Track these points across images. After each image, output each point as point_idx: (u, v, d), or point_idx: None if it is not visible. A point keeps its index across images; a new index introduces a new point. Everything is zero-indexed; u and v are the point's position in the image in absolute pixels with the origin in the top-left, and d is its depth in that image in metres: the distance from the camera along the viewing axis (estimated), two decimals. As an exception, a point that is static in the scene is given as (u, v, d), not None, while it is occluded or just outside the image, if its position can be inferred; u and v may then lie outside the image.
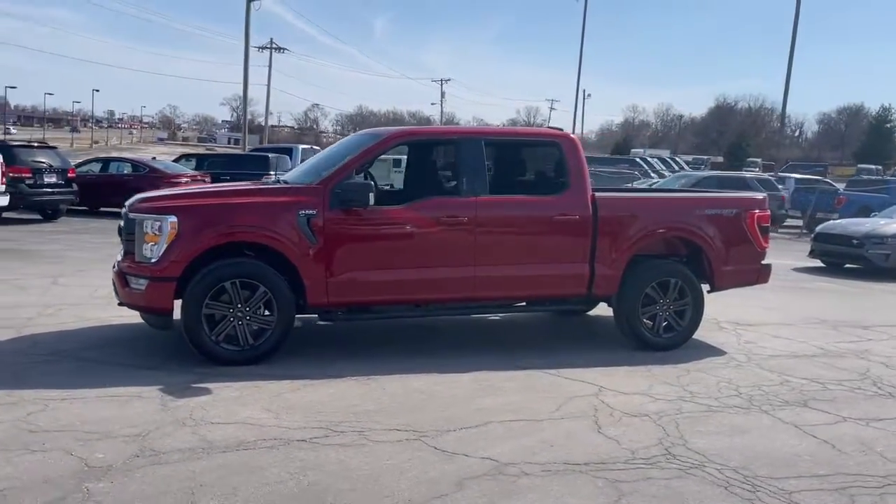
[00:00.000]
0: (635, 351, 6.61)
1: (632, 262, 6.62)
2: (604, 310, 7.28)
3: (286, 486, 3.67)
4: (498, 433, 4.51)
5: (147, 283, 5.55)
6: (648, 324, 6.67)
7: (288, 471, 3.84)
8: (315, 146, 29.09)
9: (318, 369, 5.67)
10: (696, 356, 6.56)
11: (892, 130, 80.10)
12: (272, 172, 18.26)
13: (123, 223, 5.87)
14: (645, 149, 76.26)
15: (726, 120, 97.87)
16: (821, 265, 13.76)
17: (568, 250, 6.38)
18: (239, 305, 5.60)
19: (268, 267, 5.66)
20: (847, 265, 13.44)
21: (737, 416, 5.02)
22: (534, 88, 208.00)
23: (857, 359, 6.78)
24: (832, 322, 8.47)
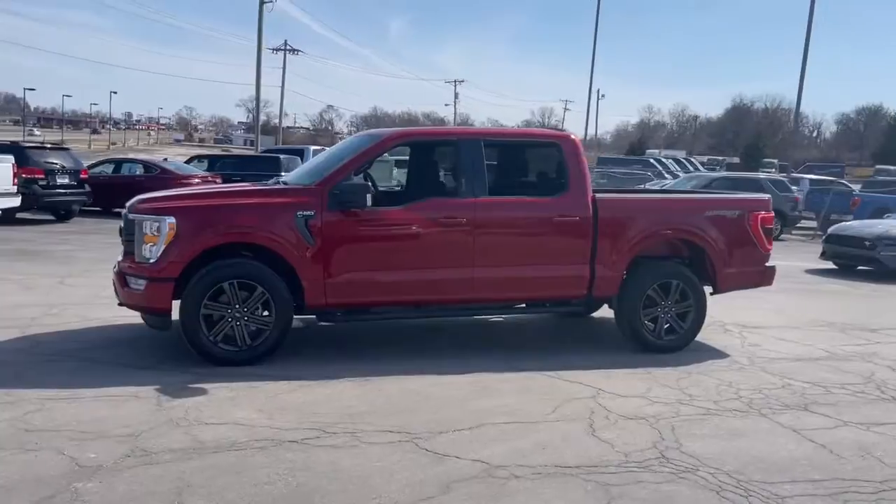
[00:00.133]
0: (636, 353, 6.56)
1: (633, 264, 6.58)
2: (607, 312, 7.23)
3: (274, 487, 3.67)
4: (491, 435, 4.49)
5: (146, 284, 5.58)
6: (650, 326, 6.61)
7: (277, 472, 3.84)
8: (328, 148, 29.10)
9: (316, 370, 5.67)
10: (698, 359, 6.50)
11: (912, 131, 79.15)
12: (283, 174, 18.31)
13: (123, 224, 5.91)
14: (660, 150, 75.88)
15: (743, 121, 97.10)
16: (833, 267, 13.59)
17: (568, 251, 6.35)
18: (237, 306, 5.62)
19: (266, 268, 5.68)
20: (859, 267, 13.27)
21: (735, 420, 4.97)
22: (549, 89, 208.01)
23: (863, 362, 6.69)
24: (840, 325, 8.37)
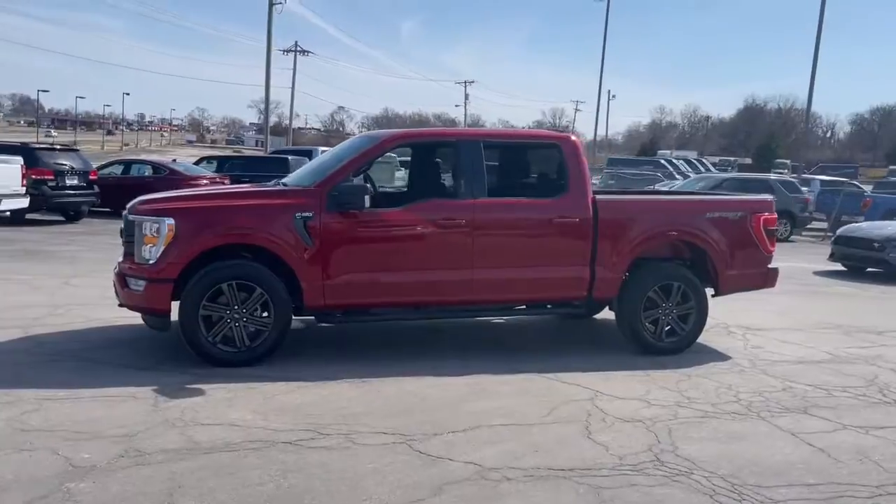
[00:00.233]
0: (637, 356, 6.53)
1: (633, 265, 6.55)
2: (609, 314, 7.20)
3: (265, 488, 3.67)
4: (486, 437, 4.48)
5: (145, 285, 5.61)
6: (651, 328, 6.57)
7: (269, 473, 3.85)
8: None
9: (315, 371, 5.68)
10: (699, 361, 6.46)
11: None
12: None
13: (124, 225, 5.94)
14: (671, 150, 75.54)
15: (755, 121, 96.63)
16: (842, 269, 13.48)
17: (567, 253, 6.32)
18: (236, 307, 5.63)
19: (264, 269, 5.69)
20: (869, 269, 13.16)
21: (732, 423, 4.93)
22: (560, 90, 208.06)
23: (867, 365, 6.62)
24: (846, 327, 8.29)
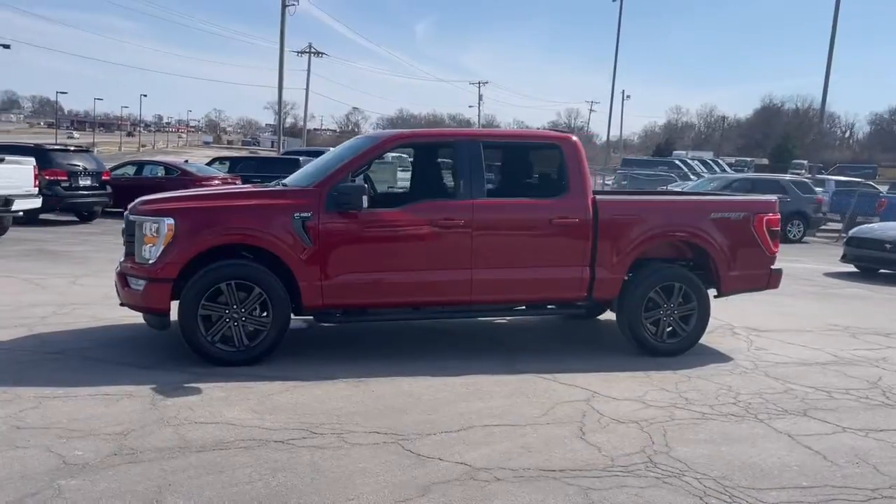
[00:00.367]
0: (637, 357, 6.49)
1: (634, 266, 6.52)
2: (613, 314, 7.16)
3: (253, 487, 3.69)
4: (478, 438, 4.47)
5: (145, 284, 5.66)
6: (652, 329, 6.54)
7: (258, 472, 3.86)
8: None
9: (312, 371, 5.69)
10: (701, 362, 6.42)
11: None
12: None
13: (125, 225, 5.99)
14: (687, 151, 75.07)
15: (772, 121, 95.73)
16: (854, 270, 13.34)
17: (567, 253, 6.30)
18: (235, 307, 5.66)
19: (263, 269, 5.71)
20: (881, 270, 13.02)
21: (729, 425, 4.89)
22: (575, 90, 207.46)
23: (871, 367, 6.55)
24: (853, 329, 8.21)
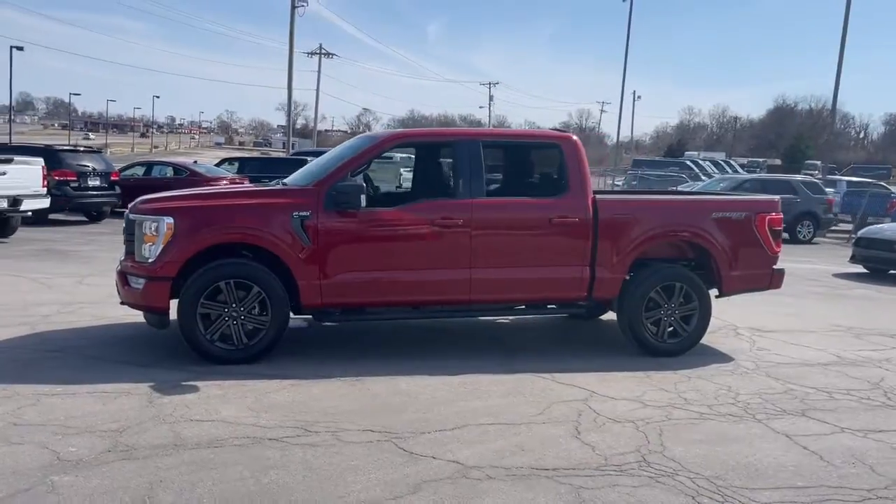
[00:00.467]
0: (638, 357, 6.47)
1: (635, 266, 6.49)
2: (614, 314, 7.13)
3: (245, 484, 3.70)
4: (472, 436, 4.47)
5: (144, 283, 5.69)
6: (652, 329, 6.51)
7: (251, 469, 3.87)
8: None
9: (310, 369, 5.71)
10: (702, 362, 6.39)
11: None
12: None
13: (125, 224, 6.03)
14: (699, 151, 74.67)
15: (785, 122, 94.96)
16: (863, 271, 13.24)
17: (567, 253, 6.28)
18: (234, 305, 5.69)
19: (262, 268, 5.73)
20: (891, 272, 12.91)
21: (726, 425, 4.86)
22: (587, 91, 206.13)
23: (874, 368, 6.50)
24: (857, 330, 8.14)
